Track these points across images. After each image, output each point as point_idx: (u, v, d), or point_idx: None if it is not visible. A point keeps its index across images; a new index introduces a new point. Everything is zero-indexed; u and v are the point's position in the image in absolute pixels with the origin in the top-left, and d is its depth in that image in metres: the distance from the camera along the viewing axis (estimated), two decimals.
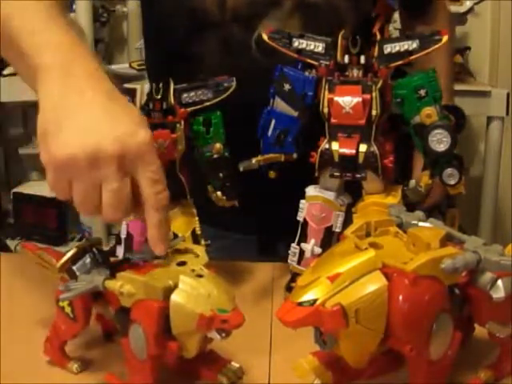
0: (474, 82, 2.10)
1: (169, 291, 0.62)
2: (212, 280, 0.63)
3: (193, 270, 0.65)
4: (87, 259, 0.71)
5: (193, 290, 0.62)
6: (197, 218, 0.87)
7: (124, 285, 0.63)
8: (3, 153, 2.56)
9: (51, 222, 2.23)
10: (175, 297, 0.62)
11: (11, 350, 0.76)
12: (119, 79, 2.05)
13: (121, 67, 2.24)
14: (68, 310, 0.71)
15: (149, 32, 1.12)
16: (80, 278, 0.68)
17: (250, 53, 0.96)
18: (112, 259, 0.73)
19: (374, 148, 0.81)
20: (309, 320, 0.59)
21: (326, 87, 0.81)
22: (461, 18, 2.04)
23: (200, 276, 0.63)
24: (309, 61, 0.83)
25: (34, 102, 0.65)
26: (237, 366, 0.70)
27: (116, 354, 0.73)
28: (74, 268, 0.70)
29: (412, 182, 0.84)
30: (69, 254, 0.72)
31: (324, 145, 0.83)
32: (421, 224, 0.70)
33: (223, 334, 0.63)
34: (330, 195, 0.85)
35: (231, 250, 1.10)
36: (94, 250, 0.72)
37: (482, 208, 2.05)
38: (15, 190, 2.38)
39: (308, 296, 0.59)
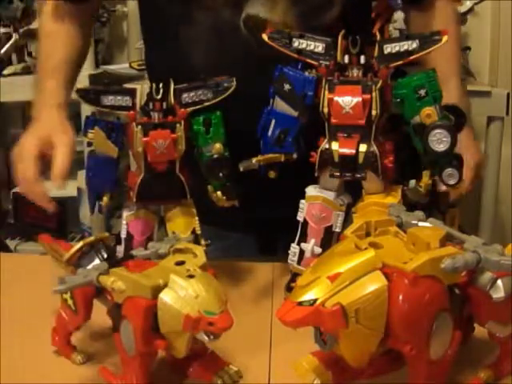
0: (474, 82, 2.09)
1: (158, 290, 0.63)
2: (202, 281, 0.63)
3: (188, 270, 0.65)
4: (93, 254, 0.72)
5: (181, 290, 0.62)
6: (197, 218, 0.87)
7: (116, 281, 0.64)
8: (3, 153, 2.56)
9: (51, 222, 2.23)
10: (163, 296, 0.62)
11: (12, 347, 0.77)
12: (119, 79, 2.05)
13: (121, 67, 2.24)
14: (70, 302, 0.72)
15: (145, 23, 1.13)
16: (78, 272, 0.68)
17: (240, 34, 0.96)
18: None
19: (374, 148, 0.81)
20: (309, 320, 0.59)
21: (326, 87, 0.81)
22: (461, 18, 2.04)
23: (191, 276, 0.63)
24: (309, 61, 0.83)
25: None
26: (235, 369, 0.70)
27: None
28: (81, 262, 0.72)
29: (412, 182, 0.84)
30: (75, 248, 0.73)
31: (324, 145, 0.83)
32: (421, 224, 0.70)
33: (211, 337, 0.63)
34: (330, 195, 0.85)
35: (231, 250, 1.10)
36: (101, 245, 0.73)
37: (482, 208, 2.04)
38: (15, 190, 2.38)
39: (308, 296, 0.59)
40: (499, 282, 0.62)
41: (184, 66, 0.99)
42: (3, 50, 2.13)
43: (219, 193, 0.86)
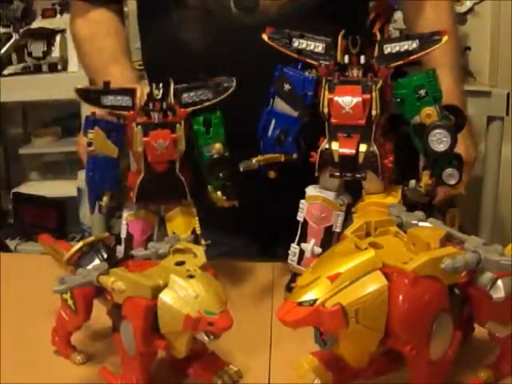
0: (473, 82, 2.09)
1: (157, 290, 0.62)
2: (202, 281, 0.63)
3: (188, 270, 0.65)
4: (93, 254, 0.72)
5: (181, 291, 0.62)
6: (197, 218, 0.87)
7: (116, 281, 0.64)
8: (3, 153, 2.57)
9: (51, 222, 2.24)
10: (163, 296, 0.62)
11: (12, 347, 0.77)
12: None
13: None
14: (70, 302, 0.72)
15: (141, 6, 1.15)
16: (78, 272, 0.68)
17: (230, 13, 0.98)
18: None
19: (374, 148, 0.81)
20: (309, 320, 0.59)
21: (326, 87, 0.81)
22: (461, 18, 2.03)
23: (191, 276, 0.63)
24: (309, 61, 0.83)
25: (33, 102, 0.67)
26: (235, 369, 0.70)
27: None
28: (81, 262, 0.72)
29: (412, 182, 0.84)
30: (75, 248, 0.73)
31: (324, 145, 0.83)
32: (421, 224, 0.70)
33: (211, 337, 0.63)
34: (330, 195, 0.85)
35: (231, 250, 1.10)
36: (101, 245, 0.73)
37: (482, 208, 2.04)
38: (15, 190, 2.38)
39: (308, 296, 0.59)
40: (499, 282, 0.62)
41: (176, 43, 1.03)
42: (3, 50, 2.14)
43: (219, 193, 0.86)
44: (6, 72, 2.11)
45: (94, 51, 1.09)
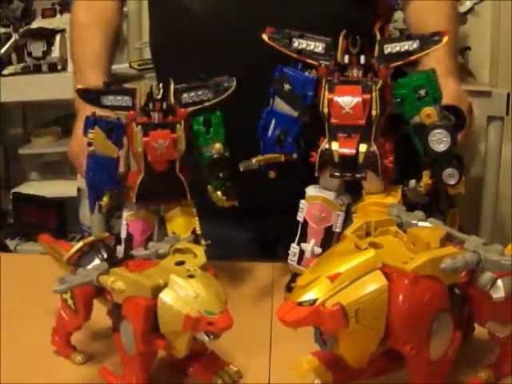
0: (473, 82, 2.09)
1: (157, 290, 0.63)
2: (203, 281, 0.63)
3: (188, 270, 0.65)
4: (93, 254, 0.72)
5: (181, 290, 0.62)
6: (197, 218, 0.87)
7: (116, 281, 0.64)
8: (3, 153, 2.56)
9: (51, 222, 2.23)
10: (163, 296, 0.62)
11: (12, 347, 0.77)
12: (119, 79, 2.06)
13: (121, 67, 2.24)
14: (70, 302, 0.72)
15: None
16: (78, 272, 0.68)
17: None
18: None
19: (374, 148, 0.81)
20: (309, 320, 0.59)
21: (326, 87, 0.81)
22: (461, 18, 2.04)
23: (191, 276, 0.63)
24: (309, 61, 0.83)
25: (33, 102, 0.67)
26: (235, 369, 0.70)
27: None
28: (81, 262, 0.72)
29: (412, 182, 0.84)
30: (75, 248, 0.73)
31: (324, 145, 0.83)
32: (421, 224, 0.70)
33: (211, 336, 0.63)
34: (330, 195, 0.85)
35: (231, 250, 1.10)
36: (101, 245, 0.73)
37: (482, 208, 2.04)
38: (15, 190, 2.38)
39: (308, 296, 0.59)
40: (499, 282, 0.62)
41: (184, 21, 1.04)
42: (3, 50, 2.13)
43: (219, 193, 0.86)
44: (5, 72, 2.11)
45: (83, 45, 1.13)
